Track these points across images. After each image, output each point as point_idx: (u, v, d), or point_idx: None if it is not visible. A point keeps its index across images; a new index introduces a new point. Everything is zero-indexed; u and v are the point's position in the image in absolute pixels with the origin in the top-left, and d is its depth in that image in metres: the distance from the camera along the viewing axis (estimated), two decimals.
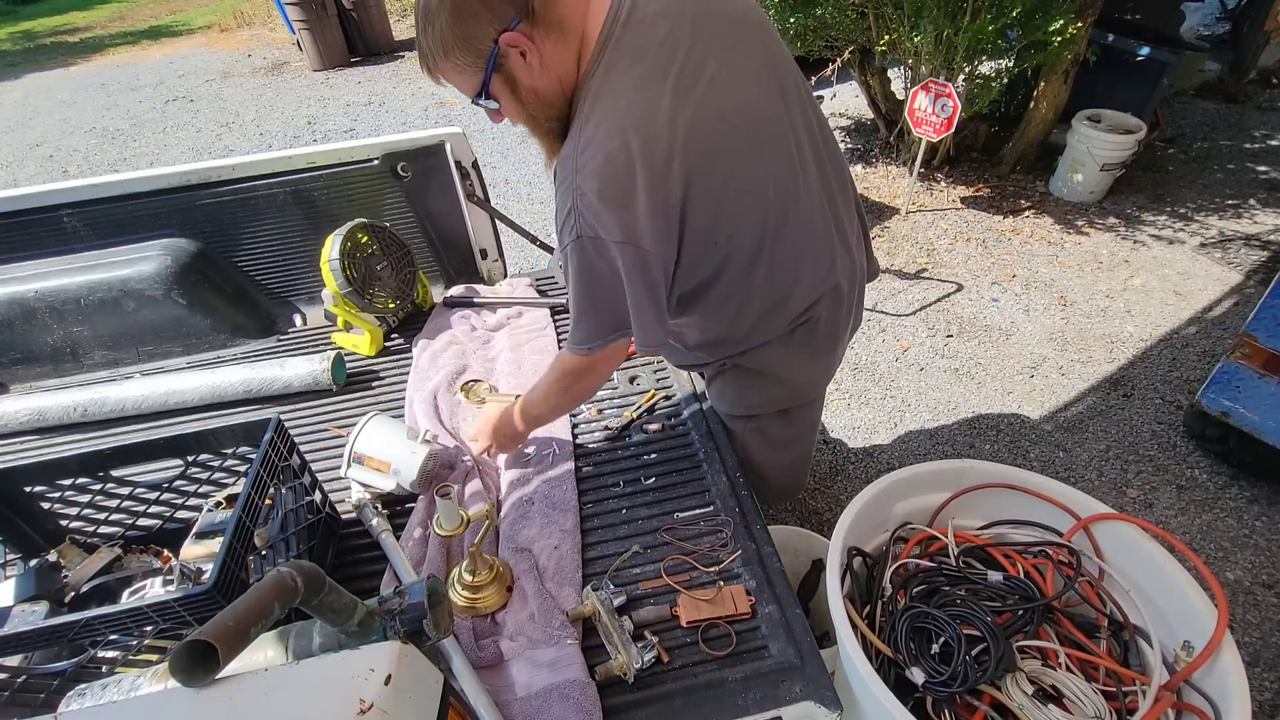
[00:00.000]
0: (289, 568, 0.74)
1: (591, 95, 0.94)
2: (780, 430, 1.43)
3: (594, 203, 0.92)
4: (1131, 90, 3.97)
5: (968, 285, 3.41)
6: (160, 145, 5.57)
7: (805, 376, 1.35)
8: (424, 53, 0.95)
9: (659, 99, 0.92)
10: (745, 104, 0.99)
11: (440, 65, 0.95)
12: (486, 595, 1.11)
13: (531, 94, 0.97)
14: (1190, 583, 1.12)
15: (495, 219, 1.94)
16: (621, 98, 0.93)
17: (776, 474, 1.54)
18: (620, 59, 0.93)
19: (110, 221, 1.72)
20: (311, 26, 6.56)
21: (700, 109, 0.94)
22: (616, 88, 0.93)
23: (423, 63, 0.97)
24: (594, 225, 0.93)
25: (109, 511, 1.23)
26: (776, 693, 0.97)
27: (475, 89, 0.97)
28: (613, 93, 0.93)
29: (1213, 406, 2.25)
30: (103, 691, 0.83)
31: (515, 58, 0.92)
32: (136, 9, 10.27)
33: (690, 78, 0.94)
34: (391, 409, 1.57)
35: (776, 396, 1.36)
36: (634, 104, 0.92)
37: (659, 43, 0.94)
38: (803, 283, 1.16)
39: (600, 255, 0.96)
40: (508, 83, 0.96)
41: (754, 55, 1.01)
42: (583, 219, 0.94)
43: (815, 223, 1.13)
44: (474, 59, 0.92)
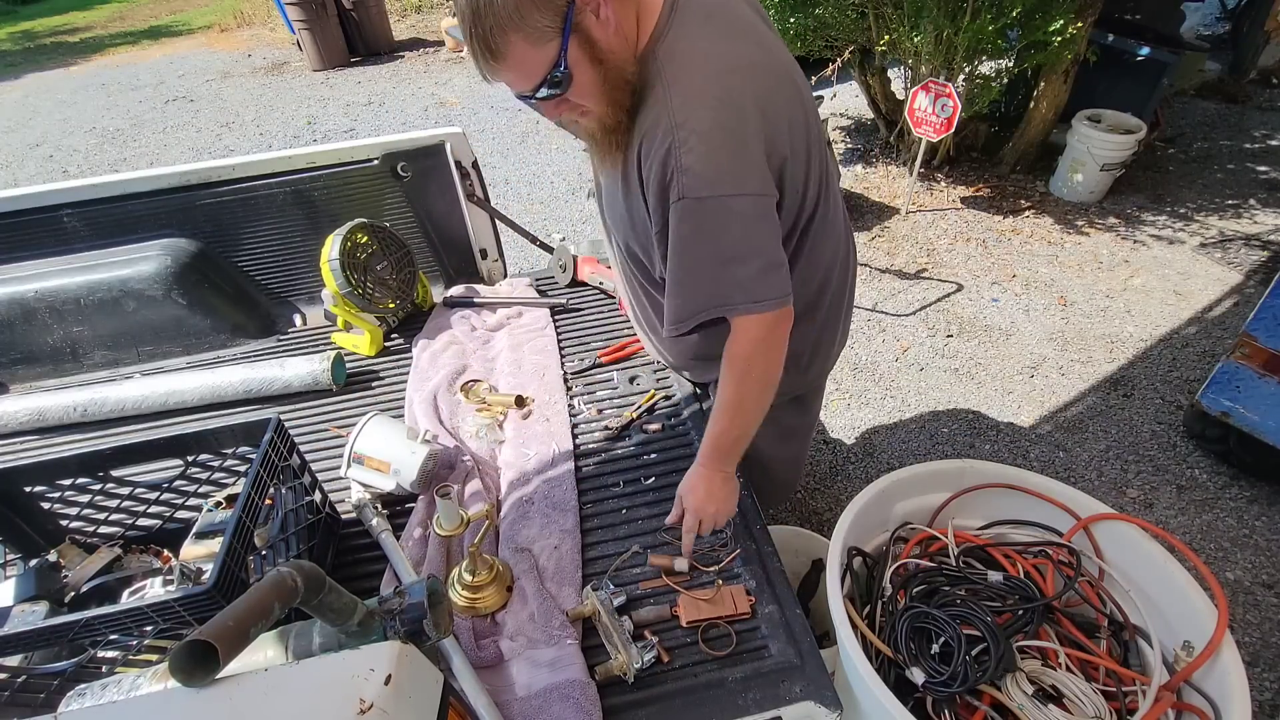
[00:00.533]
0: (289, 568, 0.74)
1: (669, 59, 0.91)
2: (791, 418, 1.44)
3: (699, 160, 0.88)
4: (1131, 90, 3.97)
5: (968, 285, 3.41)
6: (160, 145, 5.57)
7: (821, 354, 1.36)
8: (482, 34, 0.83)
9: (745, 49, 0.93)
10: (797, 71, 1.02)
11: (508, 39, 0.83)
12: (486, 595, 1.11)
13: (611, 55, 0.89)
14: (1190, 583, 1.12)
15: (495, 219, 1.94)
16: (711, 50, 0.91)
17: (781, 467, 1.56)
18: (693, 17, 0.92)
19: (110, 221, 1.72)
20: (311, 26, 6.56)
21: (775, 62, 0.96)
22: (700, 44, 0.91)
23: (479, 47, 0.85)
24: (698, 184, 0.89)
25: (109, 511, 1.23)
26: (776, 693, 0.97)
27: (548, 61, 0.86)
28: (697, 49, 0.91)
29: (1213, 406, 2.25)
30: (103, 691, 0.83)
31: (588, 17, 0.86)
32: (136, 9, 10.26)
33: (757, 36, 0.96)
34: (391, 409, 1.57)
35: (793, 381, 1.35)
36: (725, 54, 0.91)
37: (720, 6, 0.95)
38: (825, 250, 1.18)
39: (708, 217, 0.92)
40: (584, 46, 0.87)
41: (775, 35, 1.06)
42: (685, 179, 0.89)
43: (838, 201, 1.18)
44: (552, 19, 0.83)
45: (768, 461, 1.50)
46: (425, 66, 6.83)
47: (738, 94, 0.89)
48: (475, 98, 6.00)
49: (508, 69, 0.86)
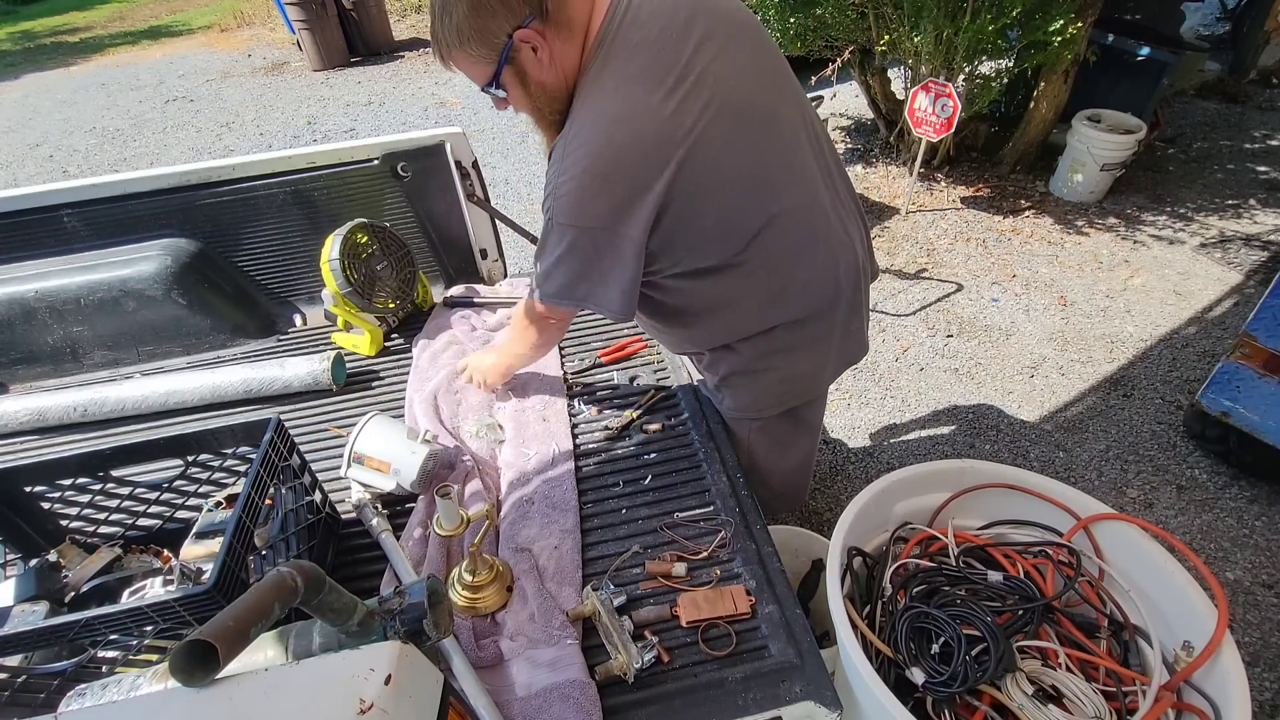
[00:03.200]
0: (289, 568, 0.74)
1: (585, 92, 1.02)
2: (786, 430, 1.44)
3: (571, 192, 1.00)
4: (1131, 90, 3.97)
5: (968, 285, 3.41)
6: (160, 145, 5.57)
7: (808, 370, 1.35)
8: (438, 40, 1.00)
9: (646, 95, 0.98)
10: (737, 97, 1.03)
11: (454, 54, 1.00)
12: (486, 595, 1.11)
13: (539, 88, 1.03)
14: (1190, 583, 1.12)
15: (495, 219, 1.94)
16: (610, 94, 0.99)
17: (781, 479, 1.55)
18: (614, 58, 0.99)
19: (110, 221, 1.72)
20: (311, 26, 6.56)
21: (686, 102, 0.99)
22: (607, 85, 1.00)
23: (436, 50, 1.02)
24: (566, 212, 1.02)
25: (109, 511, 1.23)
26: (776, 693, 0.97)
27: (486, 78, 1.02)
28: (602, 90, 1.00)
29: (1213, 406, 2.25)
30: (103, 691, 0.83)
31: (527, 52, 0.98)
32: (136, 9, 10.26)
33: (680, 73, 0.99)
34: (391, 409, 1.57)
35: (783, 394, 1.37)
36: (620, 99, 0.99)
37: (650, 41, 0.99)
38: (802, 271, 1.18)
39: (560, 235, 1.05)
40: (518, 75, 1.01)
41: (746, 53, 1.06)
42: (558, 203, 1.02)
43: (814, 213, 1.16)
44: (488, 51, 0.98)
45: (766, 473, 1.50)
46: (425, 66, 6.83)
47: (619, 144, 0.98)
48: (475, 98, 6.00)
49: (457, 69, 1.04)
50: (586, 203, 1.01)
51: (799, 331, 1.26)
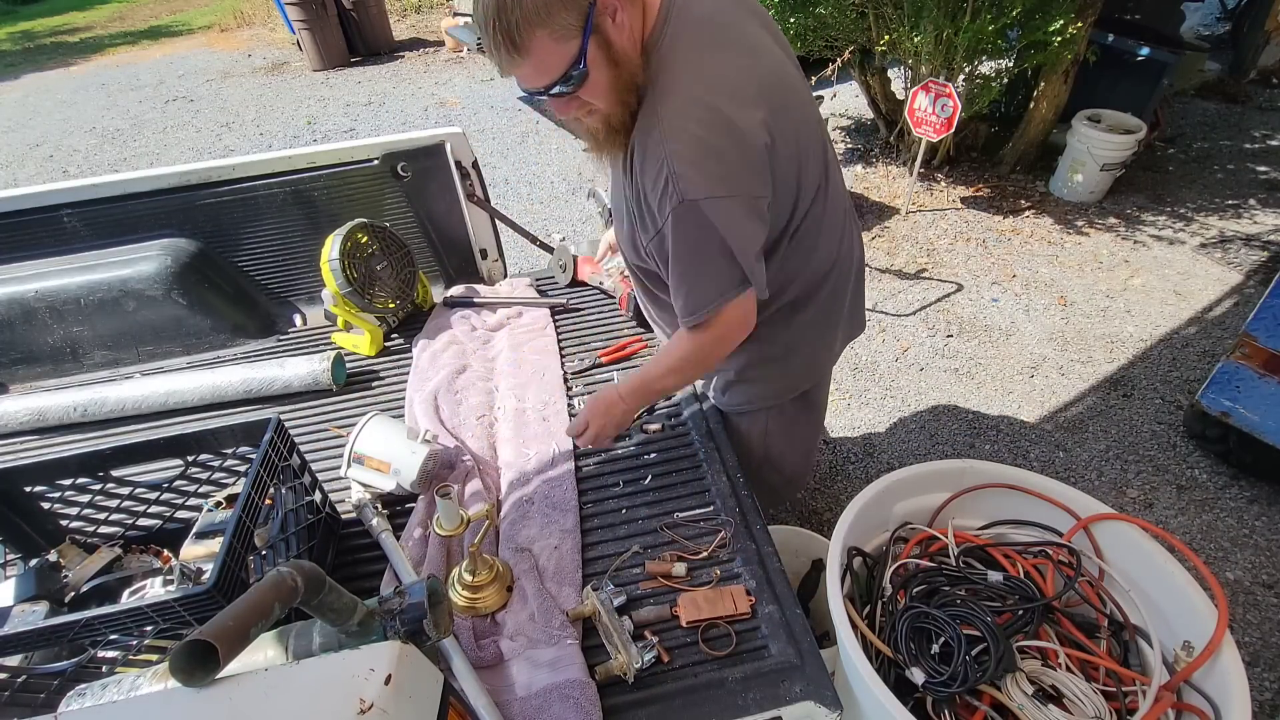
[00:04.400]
0: (289, 568, 0.74)
1: (663, 65, 0.95)
2: (799, 413, 1.48)
3: (690, 163, 0.93)
4: (1131, 90, 3.97)
5: (968, 285, 3.41)
6: (160, 145, 5.57)
7: (823, 349, 1.39)
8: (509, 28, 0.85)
9: (732, 59, 0.98)
10: (789, 73, 1.06)
11: (533, 37, 0.86)
12: (486, 595, 1.11)
13: (624, 57, 0.94)
14: (1190, 583, 1.12)
15: (495, 219, 1.94)
16: (698, 60, 0.96)
17: (793, 463, 1.58)
18: (685, 28, 0.96)
19: (110, 221, 1.72)
20: (311, 26, 6.56)
21: (764, 69, 1.00)
22: (689, 54, 0.95)
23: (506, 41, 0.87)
24: (691, 188, 0.94)
25: (109, 511, 1.23)
26: (776, 693, 0.97)
27: (569, 59, 0.90)
28: (687, 59, 0.95)
29: (1213, 406, 2.25)
30: (103, 691, 0.83)
31: (607, 20, 0.90)
32: (136, 9, 10.26)
33: (749, 43, 1.00)
34: (391, 409, 1.57)
35: (801, 377, 1.40)
36: (710, 64, 0.96)
37: (710, 16, 0.99)
38: (834, 245, 1.24)
39: (703, 216, 0.96)
40: (602, 48, 0.91)
41: (774, 38, 1.10)
42: (679, 183, 0.94)
43: (841, 188, 1.23)
44: (576, 18, 0.87)
45: (780, 460, 1.52)
46: (425, 66, 6.83)
47: (721, 105, 0.94)
48: (475, 98, 6.00)
49: (528, 63, 0.90)
50: (711, 168, 0.95)
51: (822, 308, 1.29)
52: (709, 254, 1.01)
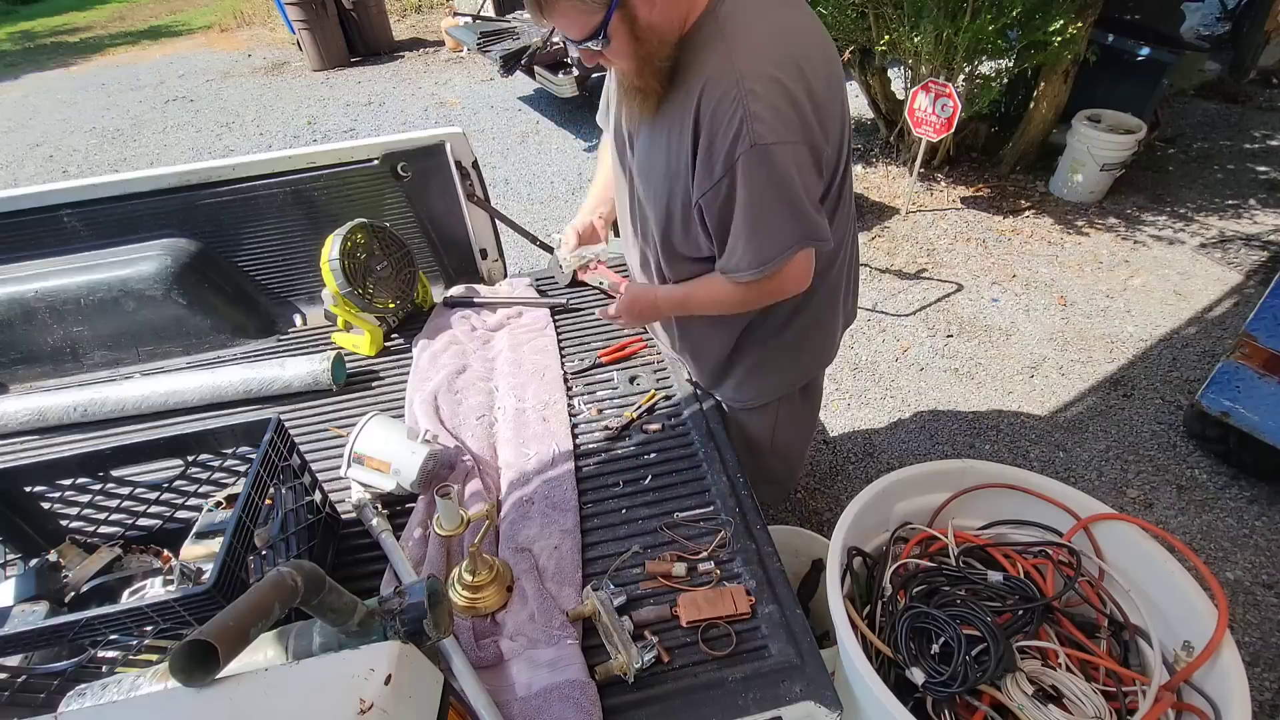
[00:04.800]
0: (289, 568, 0.74)
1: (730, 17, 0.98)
2: (805, 402, 1.53)
3: (767, 106, 0.95)
4: (1131, 90, 3.97)
5: (968, 285, 3.41)
6: (160, 145, 5.57)
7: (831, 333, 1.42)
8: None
9: (800, 17, 1.03)
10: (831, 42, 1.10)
11: (558, 4, 0.93)
12: (486, 595, 1.11)
13: (649, 31, 0.97)
14: (1190, 583, 1.12)
15: (495, 219, 1.94)
16: (768, 14, 1.00)
17: (797, 453, 1.64)
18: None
19: (110, 221, 1.72)
20: (311, 26, 6.56)
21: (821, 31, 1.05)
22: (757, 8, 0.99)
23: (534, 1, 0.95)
24: (767, 131, 0.95)
25: (109, 511, 1.22)
26: (776, 693, 0.97)
27: (591, 28, 0.95)
28: (755, 12, 0.99)
29: (1213, 406, 2.25)
30: (103, 691, 0.83)
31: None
32: (136, 9, 10.26)
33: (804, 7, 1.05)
34: (391, 409, 1.57)
35: (809, 364, 1.43)
36: (781, 20, 1.00)
37: None
38: (838, 224, 1.25)
39: (777, 162, 0.98)
40: (626, 20, 0.96)
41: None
42: (757, 124, 0.95)
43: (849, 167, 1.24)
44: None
45: (783, 448, 1.56)
46: (425, 66, 6.84)
47: (795, 55, 0.98)
48: (475, 98, 6.00)
49: (553, 21, 0.96)
50: (787, 113, 0.97)
51: (831, 288, 1.32)
52: (779, 202, 1.02)
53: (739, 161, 0.98)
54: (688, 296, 1.26)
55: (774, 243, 1.06)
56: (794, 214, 1.03)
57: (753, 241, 1.06)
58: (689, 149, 1.05)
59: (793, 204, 1.02)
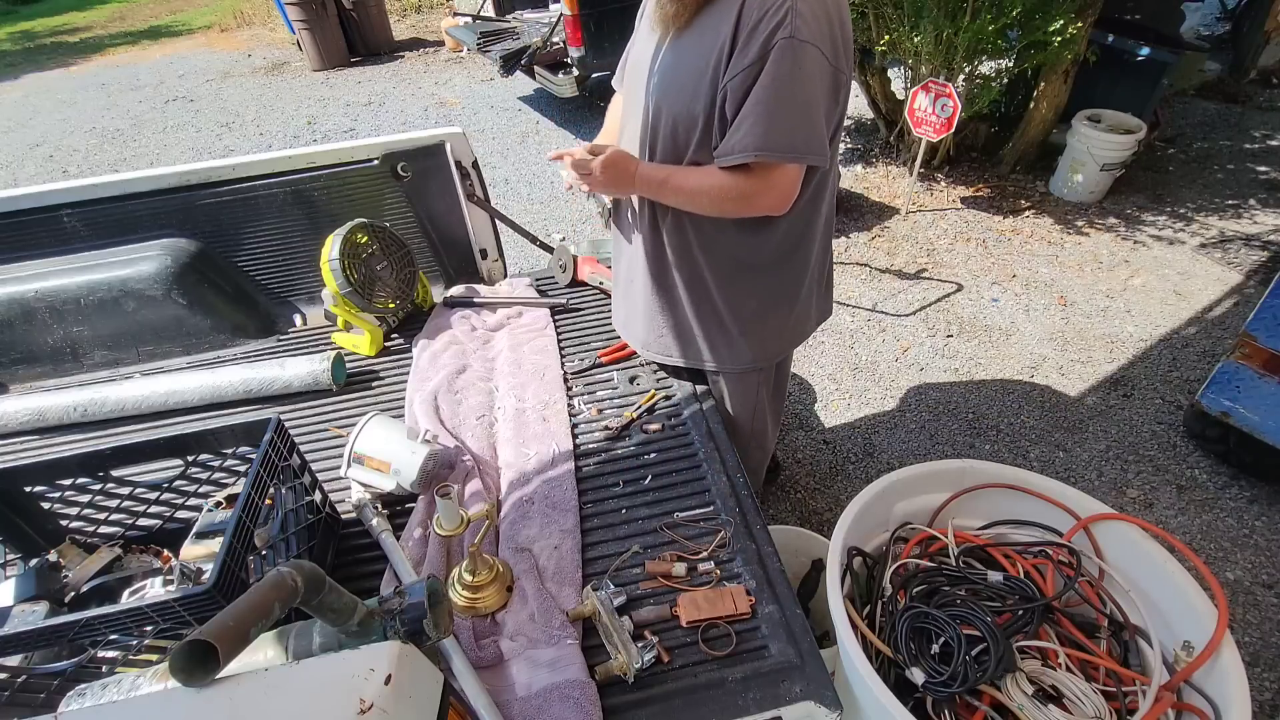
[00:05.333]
0: (289, 568, 0.74)
1: None
2: (779, 382, 1.63)
3: (811, 12, 1.01)
4: (1131, 90, 3.97)
5: (968, 285, 3.40)
6: (160, 145, 5.57)
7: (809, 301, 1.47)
8: None
9: None
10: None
11: None
12: (486, 595, 1.11)
13: None
14: (1190, 583, 1.12)
15: (495, 219, 1.94)
16: None
17: (771, 437, 1.73)
18: None
19: (110, 221, 1.72)
20: (311, 26, 6.56)
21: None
22: None
23: None
24: (806, 29, 1.01)
25: (109, 511, 1.23)
26: (776, 693, 0.97)
27: None
28: None
29: (1213, 406, 2.25)
30: (103, 691, 0.83)
31: None
32: (136, 9, 10.26)
33: None
34: (391, 409, 1.57)
35: (793, 333, 1.50)
36: None
37: None
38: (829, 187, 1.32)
39: (806, 60, 1.03)
40: None
41: None
42: (798, 20, 1.00)
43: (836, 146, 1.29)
44: None
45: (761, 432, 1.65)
46: (425, 66, 6.83)
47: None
48: (475, 98, 6.00)
49: None
50: (825, 28, 1.03)
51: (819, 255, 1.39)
52: (796, 99, 1.06)
53: (775, 47, 1.01)
54: (669, 176, 1.23)
55: (780, 135, 1.07)
56: (805, 117, 1.07)
57: (761, 123, 1.07)
58: (727, 39, 1.06)
59: (808, 106, 1.07)
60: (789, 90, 1.05)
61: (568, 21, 4.60)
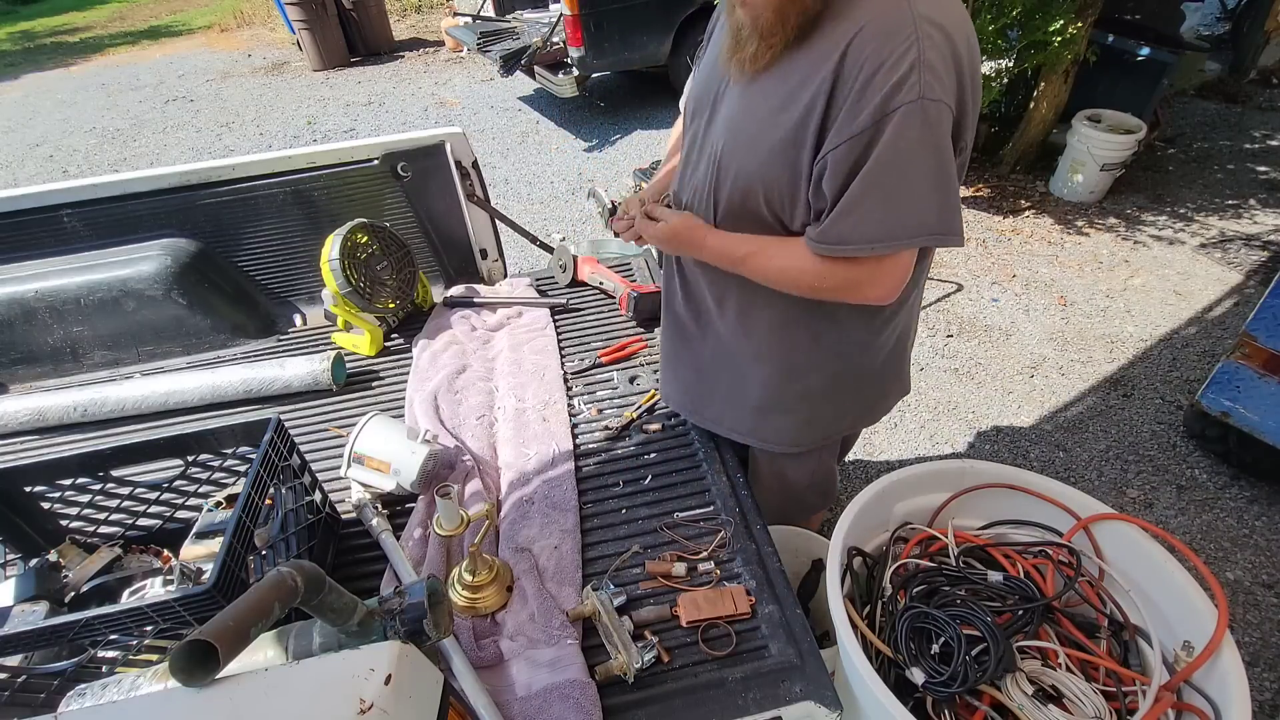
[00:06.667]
0: (289, 568, 0.74)
1: None
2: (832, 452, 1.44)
3: (944, 63, 0.81)
4: (1131, 90, 3.97)
5: (968, 285, 3.41)
6: (160, 145, 5.57)
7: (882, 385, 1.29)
8: None
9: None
10: None
11: None
12: (486, 595, 1.11)
13: None
14: (1190, 583, 1.12)
15: (495, 219, 1.94)
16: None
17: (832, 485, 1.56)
18: None
19: (110, 221, 1.72)
20: (311, 26, 6.56)
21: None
22: None
23: None
24: (939, 85, 0.81)
25: (109, 511, 1.23)
26: (776, 693, 0.97)
27: None
28: None
29: (1213, 406, 2.25)
30: (103, 691, 0.83)
31: None
32: (136, 9, 10.26)
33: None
34: (391, 409, 1.57)
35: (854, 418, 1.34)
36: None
37: None
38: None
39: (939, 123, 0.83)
40: None
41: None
42: (929, 75, 0.80)
43: None
44: None
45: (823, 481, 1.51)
46: (425, 66, 6.84)
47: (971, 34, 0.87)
48: (475, 98, 6.00)
49: None
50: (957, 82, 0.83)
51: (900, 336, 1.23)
52: (929, 172, 0.85)
53: (897, 112, 0.81)
54: (748, 255, 1.02)
55: (905, 219, 0.87)
56: (940, 192, 0.86)
57: (879, 209, 0.87)
58: (823, 95, 0.86)
59: (941, 180, 0.85)
60: (917, 165, 0.84)
61: (568, 21, 4.60)
